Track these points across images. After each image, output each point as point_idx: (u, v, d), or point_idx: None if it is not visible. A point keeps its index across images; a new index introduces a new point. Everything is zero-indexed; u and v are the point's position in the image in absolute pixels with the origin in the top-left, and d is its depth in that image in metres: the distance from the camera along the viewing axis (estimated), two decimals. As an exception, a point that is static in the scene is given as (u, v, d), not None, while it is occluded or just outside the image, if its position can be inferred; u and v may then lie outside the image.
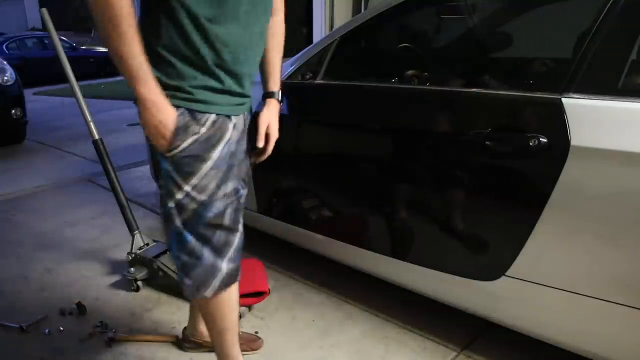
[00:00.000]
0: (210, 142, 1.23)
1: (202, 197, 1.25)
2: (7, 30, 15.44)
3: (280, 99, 1.49)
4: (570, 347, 1.49)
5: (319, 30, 4.63)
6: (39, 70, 10.20)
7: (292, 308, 2.07)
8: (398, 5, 1.83)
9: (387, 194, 1.86)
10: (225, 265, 1.34)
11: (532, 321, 1.56)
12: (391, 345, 1.83)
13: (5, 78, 4.92)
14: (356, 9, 4.44)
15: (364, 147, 1.91)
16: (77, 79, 2.29)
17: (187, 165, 1.23)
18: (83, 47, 13.47)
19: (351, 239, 1.96)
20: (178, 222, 1.29)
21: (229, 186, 1.30)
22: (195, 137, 1.21)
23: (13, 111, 4.85)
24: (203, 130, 1.22)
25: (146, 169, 3.98)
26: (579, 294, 1.39)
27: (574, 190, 1.35)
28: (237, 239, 1.36)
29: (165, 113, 1.17)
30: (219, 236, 1.31)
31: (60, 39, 2.44)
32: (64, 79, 2.24)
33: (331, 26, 4.49)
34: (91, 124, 2.26)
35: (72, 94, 2.26)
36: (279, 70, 1.49)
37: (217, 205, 1.28)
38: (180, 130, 1.19)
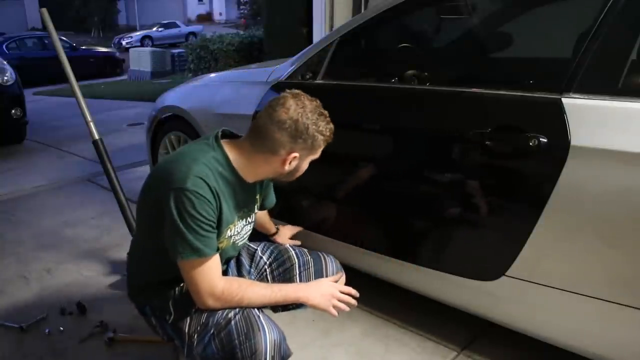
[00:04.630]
0: None
1: None
2: (7, 30, 15.45)
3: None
4: (570, 347, 1.49)
5: (319, 30, 4.61)
6: (39, 70, 10.18)
7: (292, 308, 2.06)
8: (398, 5, 1.83)
9: (385, 194, 1.86)
10: None
11: (532, 321, 1.56)
12: (391, 344, 1.84)
13: (5, 78, 4.91)
14: (356, 9, 4.43)
15: (364, 147, 1.91)
16: (77, 79, 2.29)
17: None
18: (83, 47, 13.48)
19: (351, 239, 1.96)
20: None
21: None
22: None
23: (13, 111, 4.84)
24: None
25: (146, 169, 3.96)
26: (579, 294, 1.39)
27: (573, 190, 1.35)
28: None
29: (320, 285, 1.43)
30: None
31: (60, 39, 2.44)
32: (64, 79, 2.24)
33: (331, 26, 4.48)
34: (91, 124, 2.26)
35: (72, 94, 2.26)
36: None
37: None
38: None
